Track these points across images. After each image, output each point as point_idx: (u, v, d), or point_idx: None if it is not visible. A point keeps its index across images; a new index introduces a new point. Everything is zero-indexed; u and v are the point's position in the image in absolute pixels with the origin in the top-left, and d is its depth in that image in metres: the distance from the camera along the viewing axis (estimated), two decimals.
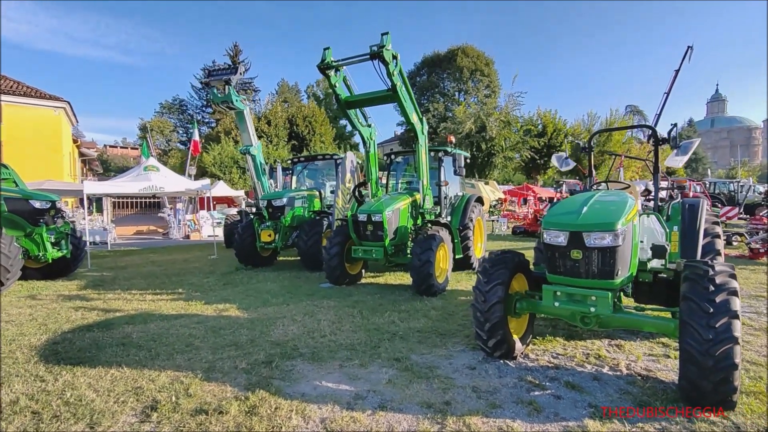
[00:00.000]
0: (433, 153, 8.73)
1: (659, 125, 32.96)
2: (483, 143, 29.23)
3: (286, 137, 32.70)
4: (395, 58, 6.51)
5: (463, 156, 8.46)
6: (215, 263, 10.84)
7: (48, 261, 8.51)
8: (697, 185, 22.18)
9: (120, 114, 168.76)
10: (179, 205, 20.34)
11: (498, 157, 30.34)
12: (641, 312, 3.87)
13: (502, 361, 4.08)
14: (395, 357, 4.22)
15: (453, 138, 9.27)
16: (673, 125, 4.77)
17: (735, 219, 19.22)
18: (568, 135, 32.41)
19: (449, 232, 7.87)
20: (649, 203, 5.45)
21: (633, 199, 3.88)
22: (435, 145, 9.46)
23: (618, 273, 3.44)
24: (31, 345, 4.63)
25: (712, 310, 2.93)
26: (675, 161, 4.73)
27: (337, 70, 7.00)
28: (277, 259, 10.82)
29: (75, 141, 27.09)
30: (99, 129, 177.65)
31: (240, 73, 10.35)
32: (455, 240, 8.19)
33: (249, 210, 13.35)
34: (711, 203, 17.70)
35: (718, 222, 5.39)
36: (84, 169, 33.00)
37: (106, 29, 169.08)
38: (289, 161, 12.75)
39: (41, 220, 8.41)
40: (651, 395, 3.39)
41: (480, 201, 9.59)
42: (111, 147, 73.59)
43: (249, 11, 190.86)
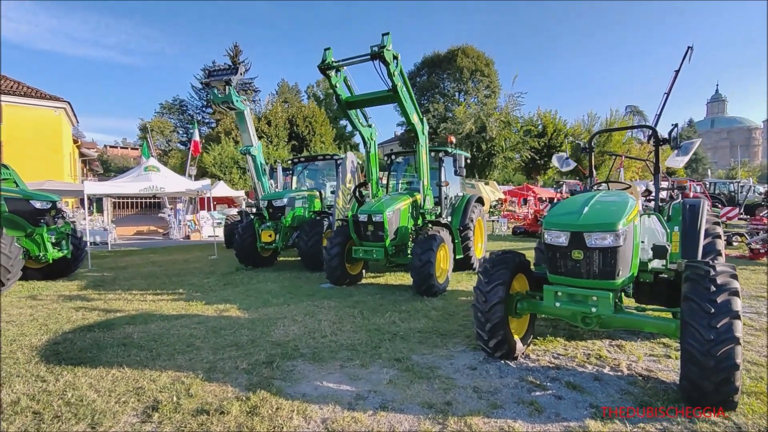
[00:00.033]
0: (434, 153, 8.74)
1: (659, 126, 32.96)
2: (483, 143, 29.23)
3: (286, 137, 32.72)
4: (396, 58, 6.52)
5: (464, 156, 8.46)
6: (216, 263, 10.85)
7: (48, 261, 8.52)
8: (698, 185, 22.20)
9: (120, 114, 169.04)
10: (179, 206, 20.35)
11: (498, 158, 30.34)
12: (642, 312, 3.88)
13: (503, 362, 4.08)
14: (396, 357, 4.22)
15: (453, 138, 9.27)
16: (674, 125, 4.78)
17: (735, 219, 19.23)
18: (568, 135, 32.40)
19: (450, 232, 7.87)
20: (650, 203, 5.46)
21: (634, 200, 3.88)
22: (435, 146, 9.46)
23: (619, 273, 3.44)
24: (32, 345, 4.63)
25: (713, 310, 2.93)
26: (676, 161, 4.73)
27: (338, 70, 7.01)
28: (278, 260, 10.83)
29: (75, 141, 27.10)
30: (99, 129, 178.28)
31: (240, 74, 10.36)
32: (456, 240, 8.19)
33: (249, 210, 13.34)
34: (711, 204, 17.69)
35: (718, 222, 5.39)
36: (84, 170, 33.01)
37: (106, 29, 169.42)
38: (290, 161, 12.75)
39: (42, 220, 8.42)
40: (652, 395, 3.39)
41: (480, 201, 9.59)
42: (111, 147, 73.57)
43: (249, 11, 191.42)
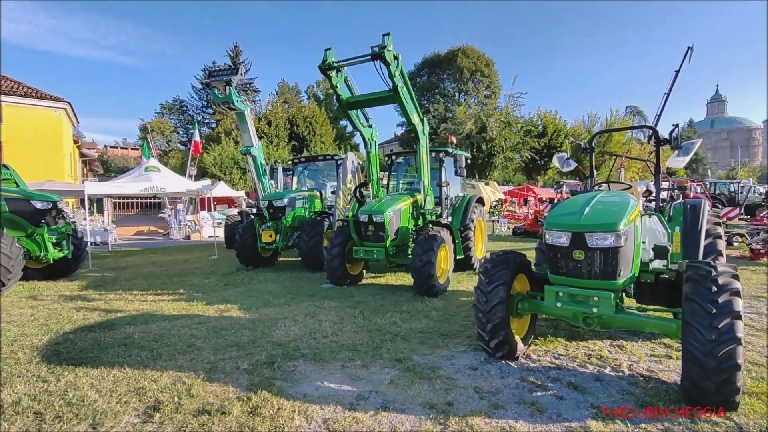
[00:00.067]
0: (434, 154, 8.74)
1: (659, 126, 33.02)
2: (483, 144, 29.23)
3: (286, 138, 32.74)
4: (396, 58, 6.52)
5: (464, 157, 8.46)
6: (216, 264, 10.85)
7: (49, 261, 8.52)
8: (698, 186, 22.20)
9: (120, 114, 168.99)
10: (180, 206, 20.35)
11: (498, 158, 30.35)
12: (643, 313, 3.88)
13: (504, 362, 4.08)
14: (397, 357, 4.22)
15: (454, 139, 9.26)
16: (675, 126, 4.79)
17: (735, 220, 19.23)
18: (568, 136, 32.41)
19: (450, 232, 7.87)
20: (650, 204, 5.46)
21: (635, 200, 3.88)
22: (436, 146, 9.47)
23: (620, 274, 3.44)
24: (33, 345, 4.63)
25: (714, 310, 2.93)
26: (676, 162, 4.73)
27: (339, 70, 7.02)
28: (278, 260, 10.83)
29: (76, 142, 27.10)
30: (99, 129, 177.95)
31: (241, 74, 10.37)
32: (456, 240, 8.19)
33: (250, 210, 13.34)
34: (711, 204, 17.69)
35: (719, 223, 5.39)
36: (85, 170, 33.02)
37: (106, 30, 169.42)
38: (290, 162, 12.75)
39: (42, 220, 8.41)
40: (653, 396, 3.39)
41: (481, 201, 9.59)
42: (111, 147, 73.60)
43: (249, 11, 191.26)
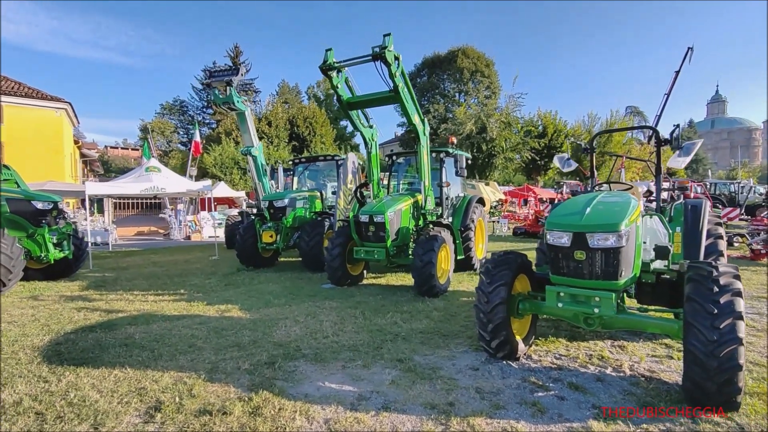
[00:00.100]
0: (435, 154, 8.74)
1: (659, 126, 32.99)
2: (483, 144, 29.24)
3: (286, 138, 32.76)
4: (397, 59, 6.52)
5: (465, 157, 8.45)
6: (216, 264, 10.85)
7: (50, 262, 8.52)
8: (698, 186, 22.18)
9: (121, 115, 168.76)
10: (180, 206, 20.37)
11: (498, 158, 30.36)
12: (644, 313, 3.87)
13: (505, 362, 4.08)
14: (398, 358, 4.22)
15: (455, 139, 9.27)
16: (676, 126, 4.78)
17: (736, 220, 19.22)
18: (568, 136, 32.41)
19: (451, 233, 7.88)
20: (651, 204, 5.45)
21: (636, 200, 3.87)
22: (436, 146, 9.47)
23: (622, 274, 3.44)
24: (34, 346, 4.63)
25: (716, 311, 2.93)
26: (677, 162, 4.74)
27: (339, 71, 7.02)
28: (279, 260, 10.83)
29: (76, 142, 27.15)
30: (100, 130, 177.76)
31: (241, 74, 10.38)
32: (457, 241, 8.19)
33: (250, 211, 13.35)
34: (712, 204, 17.69)
35: (720, 223, 5.38)
36: (85, 170, 33.05)
37: (106, 30, 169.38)
38: (291, 162, 12.76)
39: (43, 220, 8.42)
40: (655, 396, 3.39)
41: (481, 202, 9.59)
42: (112, 148, 73.67)
43: (249, 11, 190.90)
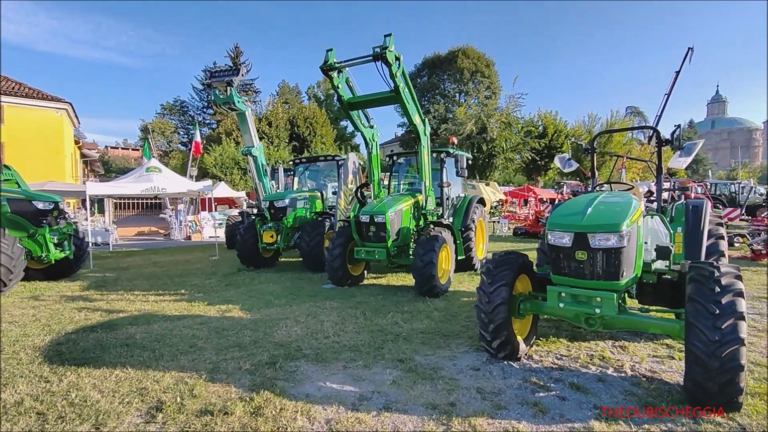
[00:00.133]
0: (435, 154, 8.74)
1: (659, 127, 32.99)
2: (484, 144, 29.25)
3: (287, 138, 32.79)
4: (398, 59, 6.52)
5: (465, 157, 8.45)
6: (217, 264, 10.85)
7: (51, 262, 8.52)
8: (699, 186, 22.16)
9: (121, 115, 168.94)
10: (180, 206, 20.37)
11: (499, 159, 30.37)
12: (645, 313, 3.87)
13: (506, 362, 4.08)
14: (399, 358, 4.22)
15: (455, 139, 9.27)
16: (677, 126, 4.78)
17: (737, 220, 19.21)
18: (569, 136, 32.40)
19: (451, 233, 7.88)
20: (652, 204, 5.45)
21: (638, 201, 3.87)
22: (436, 147, 9.47)
23: (623, 274, 3.44)
24: (35, 346, 4.64)
25: (717, 311, 2.93)
26: (678, 162, 4.74)
27: (340, 71, 7.02)
28: (279, 261, 10.83)
29: (77, 142, 27.18)
30: (100, 130, 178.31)
31: (242, 75, 10.37)
32: (457, 241, 8.19)
33: (250, 211, 13.35)
34: (712, 205, 17.67)
35: (721, 223, 5.38)
36: (85, 170, 33.07)
37: (106, 31, 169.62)
38: (291, 162, 12.76)
39: (44, 221, 8.41)
40: (656, 396, 3.39)
41: (482, 202, 9.59)
42: (112, 148, 73.74)
43: (249, 11, 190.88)
